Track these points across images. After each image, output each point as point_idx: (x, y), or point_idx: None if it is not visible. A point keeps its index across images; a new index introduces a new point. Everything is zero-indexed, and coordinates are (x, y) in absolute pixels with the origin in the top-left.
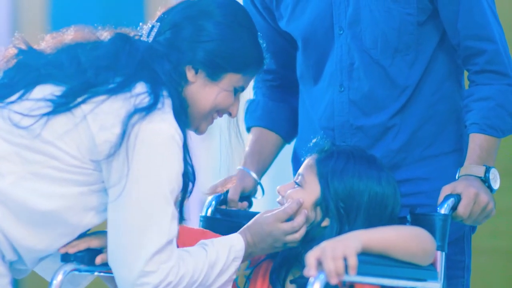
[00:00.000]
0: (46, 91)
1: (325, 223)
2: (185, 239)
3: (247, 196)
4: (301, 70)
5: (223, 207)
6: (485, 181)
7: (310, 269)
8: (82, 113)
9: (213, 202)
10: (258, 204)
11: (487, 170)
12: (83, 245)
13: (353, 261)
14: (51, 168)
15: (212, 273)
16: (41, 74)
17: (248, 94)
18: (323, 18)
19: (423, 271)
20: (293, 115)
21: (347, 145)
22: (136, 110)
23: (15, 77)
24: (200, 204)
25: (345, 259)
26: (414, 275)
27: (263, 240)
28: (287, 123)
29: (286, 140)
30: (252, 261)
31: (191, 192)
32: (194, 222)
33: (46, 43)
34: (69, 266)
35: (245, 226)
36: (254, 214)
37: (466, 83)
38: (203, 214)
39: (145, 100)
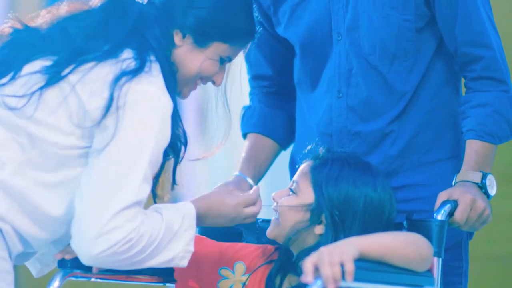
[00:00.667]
0: (36, 66)
1: (320, 230)
2: None
3: None
4: (298, 76)
5: None
6: (482, 187)
7: (307, 275)
8: (70, 84)
9: None
10: None
11: (484, 176)
12: None
13: (350, 267)
14: (48, 154)
15: (168, 234)
16: (34, 50)
17: (245, 99)
18: (322, 24)
19: (420, 277)
20: (289, 121)
21: (342, 152)
22: (123, 73)
23: (9, 55)
24: (192, 170)
25: (342, 265)
26: (411, 281)
27: (216, 217)
28: (283, 129)
29: (282, 146)
30: (248, 268)
31: (183, 157)
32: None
33: (42, 18)
34: (66, 272)
35: (201, 197)
36: None
37: (463, 90)
38: None
39: (131, 64)
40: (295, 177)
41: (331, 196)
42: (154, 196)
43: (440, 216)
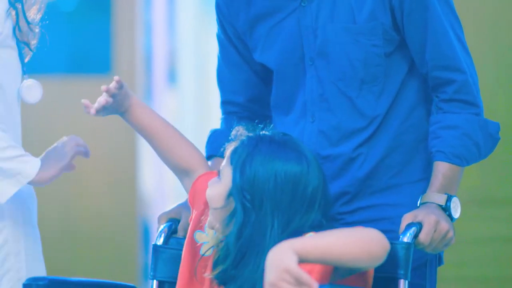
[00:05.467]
0: None
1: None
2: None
3: None
4: (274, 100)
5: (174, 235)
6: (446, 209)
7: None
8: None
9: (165, 230)
10: None
11: (449, 199)
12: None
13: (300, 274)
14: None
15: None
16: None
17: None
18: (294, 48)
19: None
20: None
21: (265, 131)
22: None
23: None
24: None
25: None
26: None
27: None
28: None
29: None
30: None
31: None
32: None
33: None
34: None
35: None
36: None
37: None
38: (155, 243)
39: None
40: (223, 162)
41: (240, 179)
42: None
43: (406, 238)
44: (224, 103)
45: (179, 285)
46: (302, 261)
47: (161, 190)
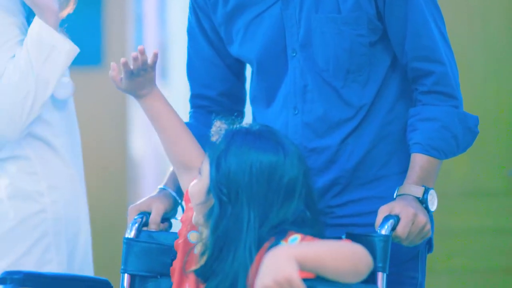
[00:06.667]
0: None
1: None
2: None
3: (167, 218)
4: (253, 93)
5: (144, 228)
6: (423, 202)
7: None
8: None
9: (137, 224)
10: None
11: (426, 191)
12: None
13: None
14: None
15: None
16: None
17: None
18: (276, 40)
19: None
20: None
21: (243, 124)
22: None
23: None
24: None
25: None
26: None
27: None
28: None
29: None
30: None
31: None
32: None
33: None
34: None
35: None
36: (176, 234)
37: None
38: (126, 236)
39: None
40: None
41: (216, 174)
42: None
43: (384, 231)
44: (194, 97)
45: (174, 285)
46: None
47: (154, 187)
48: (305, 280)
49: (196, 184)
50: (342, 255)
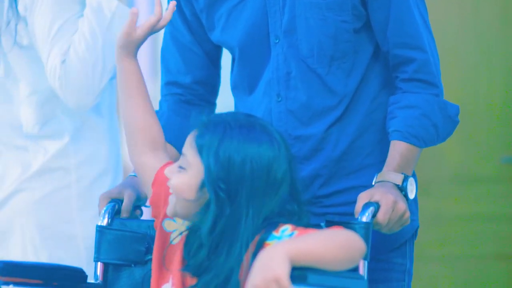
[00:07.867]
0: None
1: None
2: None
3: (137, 205)
4: (235, 80)
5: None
6: (402, 189)
7: None
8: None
9: (109, 211)
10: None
11: (405, 179)
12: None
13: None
14: None
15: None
16: None
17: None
18: (259, 26)
19: (352, 280)
20: None
21: (227, 114)
22: None
23: None
24: None
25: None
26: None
27: None
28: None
29: None
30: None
31: None
32: None
33: None
34: None
35: None
36: (149, 222)
37: None
38: (99, 223)
39: None
40: (183, 149)
41: (215, 167)
42: None
43: (365, 218)
44: (168, 84)
45: (153, 276)
46: (292, 266)
47: None
48: (295, 268)
49: (182, 178)
50: (335, 244)
